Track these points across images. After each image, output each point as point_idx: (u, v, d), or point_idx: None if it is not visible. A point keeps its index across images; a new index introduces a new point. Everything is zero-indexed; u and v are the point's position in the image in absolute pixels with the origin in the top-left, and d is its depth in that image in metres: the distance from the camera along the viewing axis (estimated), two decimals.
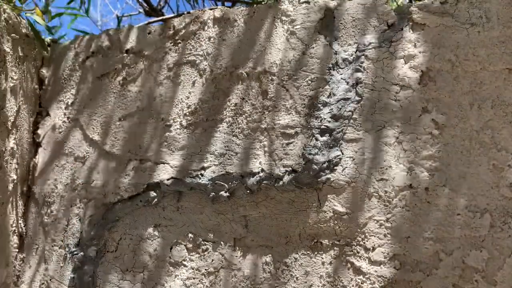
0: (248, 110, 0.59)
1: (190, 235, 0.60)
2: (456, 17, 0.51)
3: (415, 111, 0.51)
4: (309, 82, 0.56)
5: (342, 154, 0.53)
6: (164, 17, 0.91)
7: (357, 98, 0.54)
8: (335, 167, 0.53)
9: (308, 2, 0.58)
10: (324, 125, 0.54)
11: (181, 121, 0.62)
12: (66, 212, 0.68)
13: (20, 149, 0.71)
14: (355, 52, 0.55)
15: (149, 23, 0.75)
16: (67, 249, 0.67)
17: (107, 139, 0.67)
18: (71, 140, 0.70)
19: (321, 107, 0.55)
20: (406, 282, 0.49)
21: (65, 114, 0.72)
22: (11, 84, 0.68)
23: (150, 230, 0.62)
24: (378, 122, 0.53)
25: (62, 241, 0.67)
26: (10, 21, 0.68)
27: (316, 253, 0.54)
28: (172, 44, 0.65)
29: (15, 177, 0.69)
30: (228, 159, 0.59)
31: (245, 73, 0.59)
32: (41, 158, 0.73)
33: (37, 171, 0.73)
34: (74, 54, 0.73)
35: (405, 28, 0.53)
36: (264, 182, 0.56)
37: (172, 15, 0.93)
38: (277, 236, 0.56)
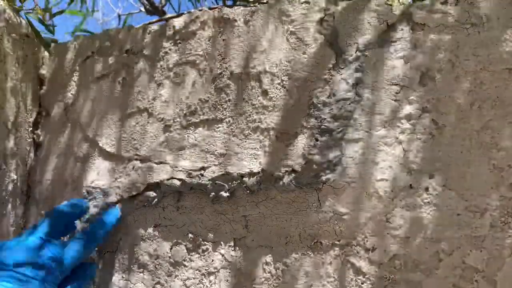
0: (248, 110, 0.59)
1: (190, 235, 0.60)
2: (456, 17, 0.51)
3: (415, 111, 0.51)
4: (309, 82, 0.56)
5: (342, 154, 0.53)
6: (164, 17, 0.91)
7: (357, 98, 0.54)
8: (335, 167, 0.53)
9: (308, 2, 0.58)
10: (324, 125, 0.54)
11: (181, 121, 0.62)
12: None
13: (20, 149, 0.71)
14: (355, 52, 0.55)
15: (150, 23, 0.75)
16: None
17: (107, 139, 0.67)
18: (71, 140, 0.70)
19: (321, 107, 0.55)
20: (406, 282, 0.49)
21: (65, 114, 0.72)
22: (11, 84, 0.68)
23: (150, 230, 0.62)
24: (378, 122, 0.53)
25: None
26: (10, 21, 0.68)
27: (316, 253, 0.54)
28: (172, 44, 0.65)
29: (15, 177, 0.69)
30: (228, 159, 0.59)
31: (245, 73, 0.59)
32: (41, 158, 0.73)
33: (37, 171, 0.73)
34: (74, 54, 0.73)
35: (405, 28, 0.53)
36: (264, 182, 0.56)
37: (172, 14, 0.93)
38: (277, 236, 0.56)
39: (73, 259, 0.55)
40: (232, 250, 0.57)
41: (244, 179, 0.57)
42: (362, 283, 0.51)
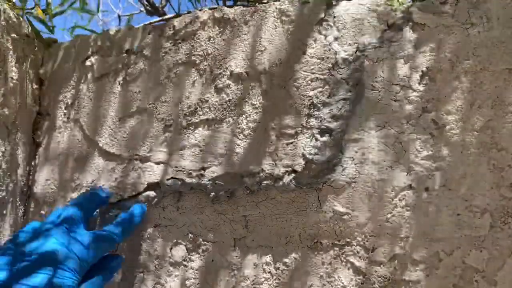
0: (248, 110, 0.59)
1: (190, 235, 0.60)
2: (456, 17, 0.51)
3: (415, 111, 0.51)
4: (309, 82, 0.56)
5: (342, 154, 0.53)
6: (164, 17, 0.91)
7: (357, 98, 0.54)
8: (335, 167, 0.53)
9: (308, 2, 0.58)
10: (324, 125, 0.54)
11: (181, 121, 0.62)
12: None
13: (20, 149, 0.71)
14: (355, 52, 0.55)
15: (150, 23, 0.76)
16: None
17: (107, 139, 0.67)
18: (71, 140, 0.70)
19: (321, 107, 0.55)
20: (406, 282, 0.49)
21: (65, 114, 0.72)
22: (11, 84, 0.68)
23: (150, 230, 0.62)
24: (378, 122, 0.53)
25: None
26: (10, 21, 0.68)
27: (316, 253, 0.54)
28: (172, 44, 0.65)
29: (15, 177, 0.69)
30: (228, 159, 0.59)
31: (245, 73, 0.59)
32: (41, 158, 0.73)
33: (37, 171, 0.73)
34: (74, 54, 0.73)
35: (405, 28, 0.53)
36: (264, 182, 0.56)
37: (173, 15, 0.93)
38: (277, 236, 0.56)
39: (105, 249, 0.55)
40: (232, 250, 0.57)
41: (244, 179, 0.57)
42: (362, 283, 0.51)
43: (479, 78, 0.50)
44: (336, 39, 0.56)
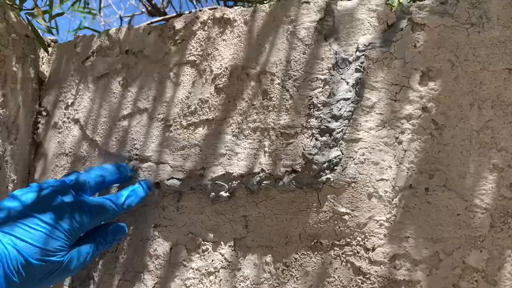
0: (248, 110, 0.59)
1: (190, 235, 0.60)
2: (456, 17, 0.51)
3: (415, 111, 0.51)
4: (309, 82, 0.56)
5: (342, 154, 0.53)
6: (164, 17, 0.91)
7: (357, 98, 0.54)
8: (335, 167, 0.53)
9: (308, 2, 0.58)
10: (324, 125, 0.54)
11: (181, 121, 0.62)
12: None
13: (20, 149, 0.71)
14: (355, 52, 0.55)
15: (150, 23, 0.76)
16: None
17: (107, 139, 0.67)
18: (71, 140, 0.70)
19: (321, 107, 0.55)
20: (406, 282, 0.49)
21: (65, 114, 0.72)
22: (11, 84, 0.68)
23: (150, 230, 0.62)
24: (378, 122, 0.53)
25: None
26: (10, 21, 0.68)
27: (316, 253, 0.54)
28: (172, 44, 0.65)
29: (15, 177, 0.69)
30: (228, 159, 0.59)
31: (245, 73, 0.59)
32: (41, 158, 0.73)
33: (37, 171, 0.73)
34: (74, 54, 0.73)
35: (405, 28, 0.53)
36: (264, 182, 0.56)
37: (173, 15, 0.93)
38: (277, 236, 0.56)
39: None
40: (232, 250, 0.57)
41: (244, 179, 0.57)
42: (362, 283, 0.51)
43: (479, 78, 0.50)
44: (336, 39, 0.56)
